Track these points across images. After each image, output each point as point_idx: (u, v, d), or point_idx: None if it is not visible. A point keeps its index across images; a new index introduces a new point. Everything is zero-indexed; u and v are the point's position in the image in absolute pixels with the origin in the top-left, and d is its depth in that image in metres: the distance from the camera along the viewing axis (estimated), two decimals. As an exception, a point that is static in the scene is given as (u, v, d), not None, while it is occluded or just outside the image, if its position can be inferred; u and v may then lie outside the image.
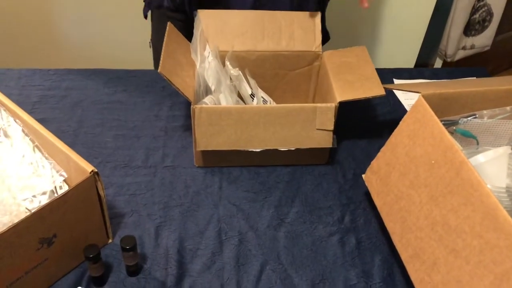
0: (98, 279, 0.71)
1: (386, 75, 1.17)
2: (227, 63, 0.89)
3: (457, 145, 0.64)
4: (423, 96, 0.71)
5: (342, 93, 0.84)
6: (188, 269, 0.74)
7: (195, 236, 0.79)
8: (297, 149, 0.86)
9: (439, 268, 0.62)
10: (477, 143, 0.75)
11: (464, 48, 2.01)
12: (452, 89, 0.75)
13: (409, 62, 1.98)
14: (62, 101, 1.03)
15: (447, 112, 0.74)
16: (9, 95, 0.81)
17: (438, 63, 2.12)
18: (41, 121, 0.97)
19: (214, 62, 0.85)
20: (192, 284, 0.73)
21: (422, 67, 2.09)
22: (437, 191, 0.65)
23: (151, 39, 1.19)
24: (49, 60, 1.72)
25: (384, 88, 0.84)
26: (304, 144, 0.85)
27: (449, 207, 0.62)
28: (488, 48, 2.06)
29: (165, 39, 0.84)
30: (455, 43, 1.95)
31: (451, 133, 0.68)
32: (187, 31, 0.95)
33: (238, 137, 0.83)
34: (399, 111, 1.07)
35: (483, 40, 2.02)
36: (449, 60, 2.02)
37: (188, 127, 0.99)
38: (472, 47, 2.01)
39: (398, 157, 0.74)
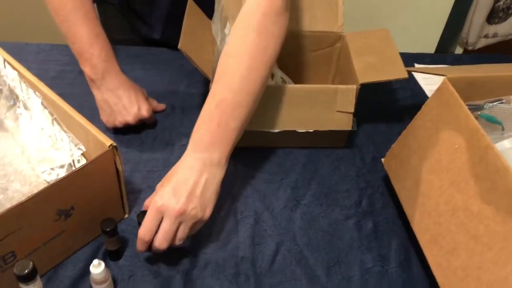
0: (114, 253, 0.71)
1: (407, 59, 1.13)
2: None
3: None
4: (448, 79, 0.69)
5: (364, 75, 0.82)
6: (203, 247, 0.74)
7: (211, 214, 0.79)
8: (315, 131, 0.84)
9: (459, 253, 0.61)
10: (503, 129, 0.73)
11: (486, 36, 1.96)
12: (478, 73, 0.73)
13: (429, 50, 1.94)
14: (79, 77, 1.02)
15: (472, 96, 0.73)
16: (27, 70, 0.81)
17: (458, 52, 2.07)
18: (59, 96, 0.97)
19: (234, 39, 0.84)
20: (207, 261, 0.73)
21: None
22: (460, 176, 0.63)
23: None
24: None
25: (407, 71, 0.83)
26: (323, 126, 0.84)
27: (472, 193, 0.61)
28: (511, 36, 2.01)
29: (185, 15, 0.83)
30: (477, 31, 1.90)
31: (476, 118, 0.66)
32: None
33: (255, 117, 0.82)
34: (420, 96, 1.05)
35: (507, 28, 1.97)
36: (470, 48, 1.97)
37: (205, 106, 0.98)
38: (495, 35, 1.97)
39: (420, 141, 0.72)
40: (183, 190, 0.65)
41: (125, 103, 0.86)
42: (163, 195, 0.65)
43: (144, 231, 0.65)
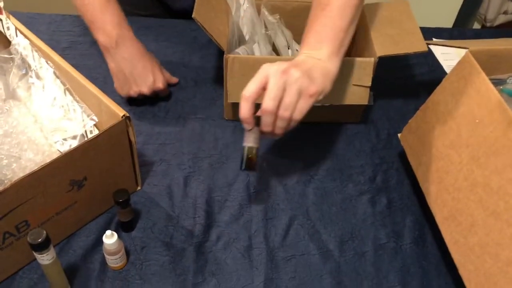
0: (126, 224, 0.71)
1: (426, 33, 1.09)
2: (263, 10, 0.85)
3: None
4: (470, 52, 0.67)
5: (382, 48, 0.80)
6: (216, 220, 0.74)
7: (224, 188, 0.78)
8: (330, 106, 0.83)
9: (477, 230, 0.60)
10: (524, 105, 0.71)
11: (505, 12, 1.90)
12: (501, 46, 0.71)
13: (446, 25, 1.89)
14: (91, 48, 1.02)
15: (495, 70, 0.70)
16: (39, 39, 0.80)
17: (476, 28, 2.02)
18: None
19: (249, 9, 0.82)
20: (219, 234, 0.72)
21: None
22: (480, 152, 0.62)
23: None
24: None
25: (426, 44, 0.80)
26: (339, 100, 0.82)
27: (492, 168, 0.60)
28: (531, 13, 1.95)
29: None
30: (497, 7, 1.85)
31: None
32: None
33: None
34: (438, 72, 1.03)
35: (527, 4, 1.91)
36: (488, 25, 1.92)
37: (218, 79, 0.96)
38: (515, 11, 1.91)
39: (439, 116, 0.70)
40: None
41: (140, 72, 0.84)
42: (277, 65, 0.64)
43: (269, 99, 0.62)
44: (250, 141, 0.65)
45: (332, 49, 0.69)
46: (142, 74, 0.84)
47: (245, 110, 0.63)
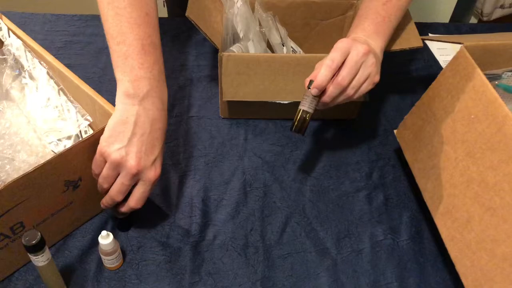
0: (123, 222, 0.71)
1: (421, 29, 1.10)
2: (258, 7, 0.85)
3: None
4: (465, 47, 0.67)
5: (377, 44, 0.80)
6: (212, 219, 0.74)
7: (220, 186, 0.78)
8: (326, 102, 0.82)
9: (473, 226, 0.60)
10: (520, 100, 0.70)
11: (502, 6, 1.90)
12: (496, 41, 0.70)
13: (443, 20, 1.89)
14: (86, 48, 1.01)
15: (490, 65, 0.70)
16: (32, 39, 0.80)
17: (472, 22, 2.02)
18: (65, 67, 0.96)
19: (243, 7, 0.82)
20: (216, 233, 0.72)
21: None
22: (475, 147, 0.62)
23: None
24: (73, 5, 1.69)
25: (422, 39, 0.80)
26: (334, 96, 0.82)
27: (488, 164, 0.59)
28: (528, 7, 1.95)
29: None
30: (493, 1, 1.84)
31: (493, 87, 0.64)
32: None
33: (265, 88, 0.81)
34: (434, 67, 1.03)
35: (524, -2, 1.90)
36: (485, 19, 1.92)
37: (213, 77, 0.96)
38: (511, 5, 1.91)
39: (435, 112, 0.70)
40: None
41: (150, 142, 0.63)
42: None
43: (348, 74, 0.67)
44: (306, 106, 0.68)
45: (383, 44, 0.73)
46: (149, 145, 0.63)
47: (325, 78, 0.65)
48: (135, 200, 0.64)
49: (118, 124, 0.62)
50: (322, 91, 0.67)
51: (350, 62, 0.66)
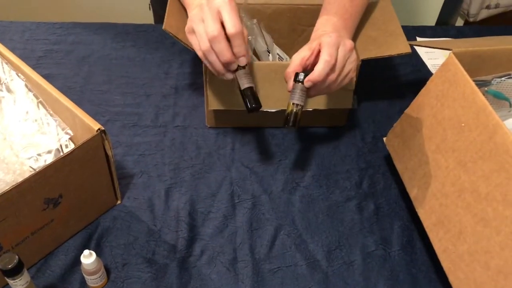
0: (249, 94, 0.68)
1: (409, 32, 1.09)
2: (242, 14, 0.83)
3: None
4: (454, 53, 0.65)
5: (365, 50, 0.78)
6: (199, 233, 0.72)
7: (207, 199, 0.76)
8: (314, 110, 0.81)
9: (466, 237, 0.59)
10: (510, 105, 0.70)
11: (488, 7, 1.90)
12: (485, 46, 0.69)
13: (429, 21, 1.89)
14: (67, 56, 0.99)
15: (479, 71, 0.69)
16: (12, 49, 0.77)
17: (459, 23, 2.02)
18: (46, 77, 0.92)
19: (228, 15, 0.80)
20: (203, 248, 0.70)
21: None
22: (467, 156, 0.60)
23: (150, 2, 1.14)
24: (54, 12, 1.66)
25: (410, 45, 0.79)
26: (323, 104, 0.80)
27: (480, 174, 0.58)
28: (513, 7, 1.95)
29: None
30: (479, 2, 1.84)
31: (482, 94, 0.62)
32: None
33: (252, 96, 0.78)
34: (422, 71, 1.02)
35: (509, -2, 1.91)
36: (471, 19, 1.92)
37: (199, 85, 0.94)
38: (497, 6, 1.91)
39: (424, 119, 0.69)
40: None
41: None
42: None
43: (338, 68, 0.67)
44: (296, 99, 0.67)
45: (350, 39, 0.74)
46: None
47: (325, 74, 0.65)
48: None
49: None
50: None
51: (340, 58, 0.67)
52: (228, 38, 0.64)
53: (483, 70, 0.69)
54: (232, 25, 0.63)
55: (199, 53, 0.67)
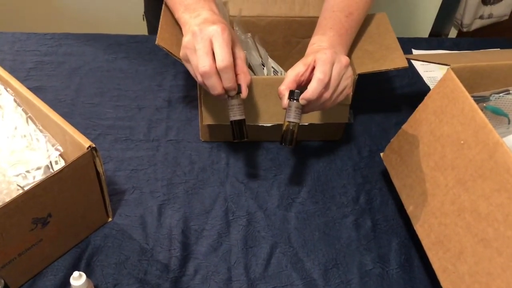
0: (238, 125, 0.70)
1: (404, 44, 1.08)
2: (236, 29, 0.82)
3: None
4: (452, 69, 0.65)
5: (362, 65, 0.77)
6: (193, 251, 0.70)
7: (201, 216, 0.74)
8: (310, 124, 0.80)
9: (466, 258, 0.57)
10: (509, 122, 0.69)
11: (481, 17, 1.91)
12: (483, 61, 0.69)
13: (423, 31, 1.89)
14: (59, 68, 0.97)
15: (477, 87, 0.68)
16: (2, 61, 0.75)
17: (452, 33, 2.02)
18: (36, 89, 0.91)
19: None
20: (197, 267, 0.68)
21: (436, 37, 2.00)
22: (466, 175, 0.59)
23: (144, 12, 1.12)
24: (45, 23, 1.64)
25: (407, 59, 0.78)
26: (319, 119, 0.79)
27: (480, 193, 0.57)
28: (506, 17, 1.96)
29: (163, 7, 0.77)
30: (473, 12, 1.85)
31: (481, 110, 0.61)
32: None
33: (247, 111, 0.77)
34: (418, 84, 1.01)
35: (502, 9, 1.92)
36: (465, 30, 1.92)
37: (193, 98, 0.92)
38: (490, 16, 1.92)
39: (422, 136, 0.68)
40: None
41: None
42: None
43: (332, 86, 0.66)
44: (292, 117, 0.67)
45: (345, 54, 0.74)
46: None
47: (319, 92, 0.65)
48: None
49: None
50: None
51: (334, 75, 0.66)
52: None
53: (481, 86, 0.68)
54: (221, 59, 0.62)
55: (196, 80, 0.67)
